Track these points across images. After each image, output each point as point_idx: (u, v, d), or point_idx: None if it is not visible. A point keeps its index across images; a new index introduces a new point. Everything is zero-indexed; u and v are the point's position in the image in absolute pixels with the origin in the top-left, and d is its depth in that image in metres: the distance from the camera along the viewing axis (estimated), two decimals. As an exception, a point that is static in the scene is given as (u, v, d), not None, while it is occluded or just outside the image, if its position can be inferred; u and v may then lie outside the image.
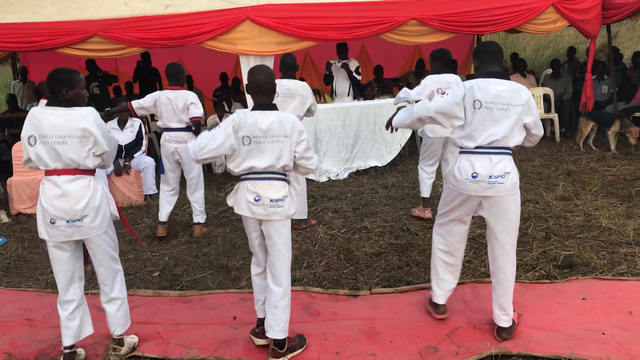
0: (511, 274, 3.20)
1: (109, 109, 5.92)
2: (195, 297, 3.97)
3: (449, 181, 3.24)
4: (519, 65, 10.06)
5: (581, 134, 8.13)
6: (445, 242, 3.38)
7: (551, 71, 10.04)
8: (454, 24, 7.56)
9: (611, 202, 5.51)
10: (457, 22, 7.55)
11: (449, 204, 3.30)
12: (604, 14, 7.87)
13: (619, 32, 14.62)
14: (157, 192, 6.85)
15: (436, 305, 3.44)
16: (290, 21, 7.32)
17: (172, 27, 7.13)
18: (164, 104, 5.05)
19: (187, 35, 7.16)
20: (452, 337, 3.26)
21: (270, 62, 7.52)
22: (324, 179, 7.24)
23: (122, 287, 3.23)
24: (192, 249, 5.05)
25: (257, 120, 2.95)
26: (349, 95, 8.51)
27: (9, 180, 6.50)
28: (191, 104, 5.03)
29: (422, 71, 10.12)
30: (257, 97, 3.04)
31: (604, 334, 3.16)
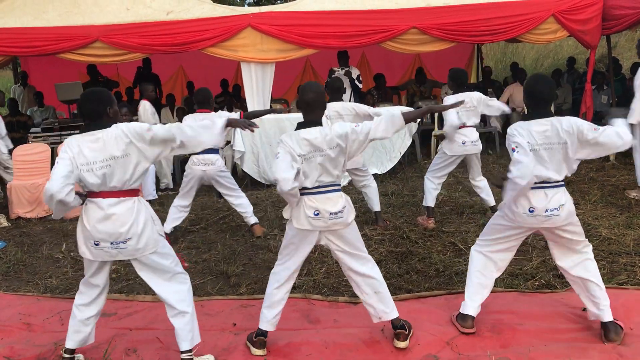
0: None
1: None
2: (195, 303, 3.91)
3: (504, 212, 3.25)
4: (518, 74, 10.09)
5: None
6: (489, 261, 3.36)
7: (551, 81, 10.06)
8: (454, 33, 7.60)
9: (611, 212, 5.52)
10: (458, 32, 7.60)
11: (501, 232, 3.30)
12: (603, 25, 7.91)
13: (619, 43, 14.69)
14: (157, 197, 6.85)
15: (465, 317, 3.37)
16: (291, 29, 7.35)
17: (173, 33, 7.16)
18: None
19: (188, 41, 7.19)
20: (452, 345, 3.25)
21: (271, 70, 7.56)
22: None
23: (184, 301, 3.08)
24: (192, 254, 5.04)
25: (301, 137, 3.02)
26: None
27: (9, 184, 6.50)
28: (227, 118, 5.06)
29: (423, 79, 10.18)
30: (306, 114, 3.11)
31: (605, 344, 3.15)
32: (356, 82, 8.37)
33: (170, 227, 5.28)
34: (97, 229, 2.88)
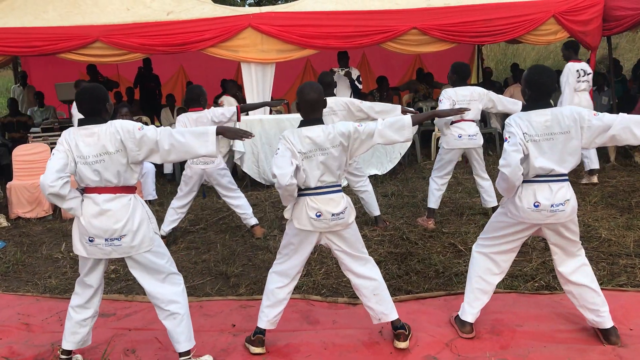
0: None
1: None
2: (194, 304, 3.95)
3: (506, 208, 3.21)
4: (519, 75, 10.08)
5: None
6: (490, 262, 3.33)
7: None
8: (455, 34, 7.59)
9: (611, 214, 5.51)
10: (458, 32, 7.59)
11: (503, 229, 3.26)
12: (604, 26, 7.91)
13: (619, 44, 14.69)
14: (156, 197, 6.85)
15: (463, 323, 3.35)
16: (292, 29, 7.35)
17: (173, 33, 7.16)
18: (188, 126, 5.01)
19: (188, 41, 7.19)
20: (451, 346, 3.24)
21: (271, 70, 7.56)
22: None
23: (177, 303, 3.04)
24: (191, 255, 5.04)
25: (303, 135, 3.03)
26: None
27: (9, 184, 6.49)
28: (221, 114, 5.04)
29: (430, 79, 10.18)
30: (308, 113, 3.10)
31: (604, 345, 3.15)
32: (356, 82, 8.37)
33: (168, 229, 5.27)
34: (91, 224, 2.88)
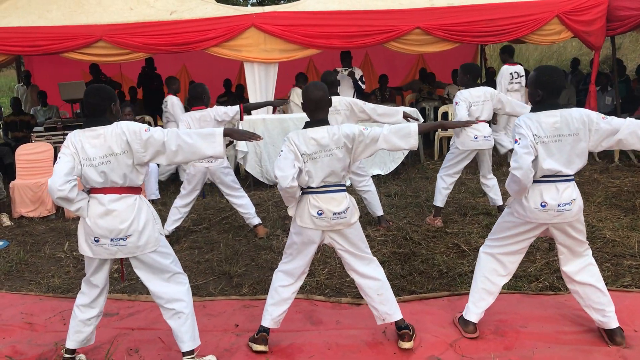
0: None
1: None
2: (197, 304, 3.93)
3: (513, 208, 3.20)
4: (522, 75, 10.06)
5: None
6: (497, 263, 3.32)
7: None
8: (458, 34, 7.59)
9: (615, 214, 5.49)
10: (462, 32, 7.58)
11: (510, 229, 3.25)
12: (608, 26, 7.89)
13: (623, 44, 14.66)
14: (159, 197, 6.85)
15: (467, 322, 3.34)
16: (295, 29, 7.34)
17: (177, 33, 7.16)
18: (192, 125, 5.01)
19: (191, 41, 7.19)
20: (455, 347, 3.23)
21: (274, 70, 7.56)
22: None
23: (182, 302, 3.03)
24: (194, 255, 5.03)
25: (308, 136, 3.04)
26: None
27: (12, 183, 6.50)
28: (224, 113, 5.04)
29: (432, 79, 10.17)
30: (313, 113, 3.11)
31: (609, 346, 3.14)
32: (359, 82, 8.36)
33: (171, 228, 5.27)
34: (97, 225, 2.88)
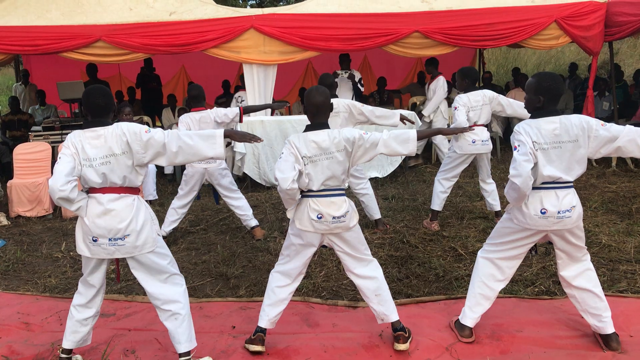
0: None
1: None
2: (193, 305, 3.94)
3: (512, 214, 3.20)
4: (520, 80, 10.10)
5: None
6: (495, 268, 3.31)
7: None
8: (457, 38, 7.61)
9: (611, 219, 5.51)
10: (461, 36, 7.60)
11: (509, 235, 3.24)
12: (606, 31, 7.92)
13: (620, 49, 14.71)
14: (157, 198, 6.85)
15: (463, 327, 3.35)
16: (294, 31, 7.35)
17: (176, 34, 7.17)
18: (191, 126, 5.00)
19: (190, 42, 7.20)
20: (451, 350, 3.24)
21: (273, 71, 7.57)
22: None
23: (178, 303, 3.03)
24: (191, 256, 5.03)
25: (309, 139, 3.06)
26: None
27: (9, 182, 6.49)
28: (224, 115, 5.05)
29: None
30: (315, 117, 3.14)
31: (604, 351, 3.15)
32: (358, 85, 8.38)
33: (168, 229, 5.27)
34: (95, 224, 2.89)
